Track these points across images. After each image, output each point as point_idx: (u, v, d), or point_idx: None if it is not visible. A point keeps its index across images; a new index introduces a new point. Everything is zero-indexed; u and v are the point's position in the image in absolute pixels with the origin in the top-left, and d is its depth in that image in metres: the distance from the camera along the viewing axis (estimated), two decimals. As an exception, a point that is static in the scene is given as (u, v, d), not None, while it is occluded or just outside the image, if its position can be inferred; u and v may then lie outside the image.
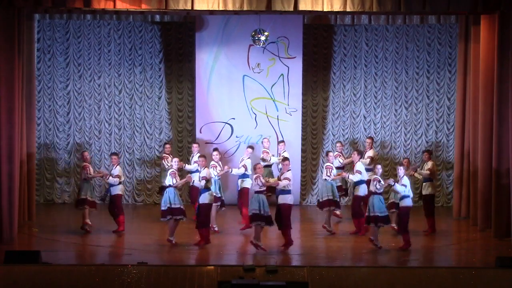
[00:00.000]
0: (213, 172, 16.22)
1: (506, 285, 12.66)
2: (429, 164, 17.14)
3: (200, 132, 19.92)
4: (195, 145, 18.29)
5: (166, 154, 17.94)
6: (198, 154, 17.25)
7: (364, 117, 20.55)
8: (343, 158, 18.18)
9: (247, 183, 17.16)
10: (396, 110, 20.50)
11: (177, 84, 20.47)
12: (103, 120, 20.40)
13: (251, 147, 17.81)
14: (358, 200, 16.85)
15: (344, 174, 17.07)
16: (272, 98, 19.95)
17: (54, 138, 20.35)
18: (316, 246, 15.95)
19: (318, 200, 17.26)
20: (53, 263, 13.51)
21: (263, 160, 18.01)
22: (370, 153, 18.11)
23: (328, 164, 16.97)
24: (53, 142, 20.34)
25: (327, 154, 17.24)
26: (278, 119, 19.98)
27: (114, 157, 17.18)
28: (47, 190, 20.36)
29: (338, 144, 18.60)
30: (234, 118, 19.95)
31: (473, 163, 17.90)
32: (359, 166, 16.81)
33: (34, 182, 18.50)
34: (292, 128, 20.01)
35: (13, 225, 15.61)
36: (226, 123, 19.93)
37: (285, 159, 15.89)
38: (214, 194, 16.41)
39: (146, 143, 20.43)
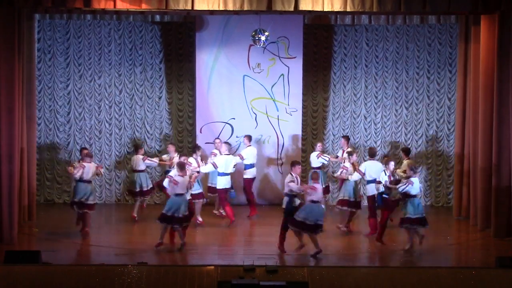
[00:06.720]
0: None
1: (506, 285, 12.65)
2: (405, 164, 17.29)
3: (200, 132, 19.92)
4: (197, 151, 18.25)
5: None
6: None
7: (365, 117, 20.55)
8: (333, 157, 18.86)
9: (221, 183, 17.47)
10: (396, 110, 20.50)
11: (177, 84, 20.47)
12: (104, 120, 20.40)
13: (227, 143, 18.18)
14: (371, 201, 16.84)
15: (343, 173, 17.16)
16: (272, 98, 19.94)
17: (54, 138, 20.35)
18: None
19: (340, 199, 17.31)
20: (53, 263, 13.53)
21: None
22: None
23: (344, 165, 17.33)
24: (54, 142, 20.34)
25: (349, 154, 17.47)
26: (278, 119, 19.98)
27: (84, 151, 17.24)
28: (47, 190, 20.37)
29: (319, 144, 19.01)
30: (234, 118, 19.94)
31: (473, 163, 17.89)
32: (363, 166, 16.90)
33: (34, 182, 18.50)
34: (292, 128, 20.01)
35: (13, 225, 15.63)
36: (226, 123, 19.93)
37: (296, 163, 15.76)
38: (197, 191, 16.70)
39: (146, 143, 20.42)
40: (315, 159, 18.66)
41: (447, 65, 20.30)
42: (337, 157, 18.93)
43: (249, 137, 18.83)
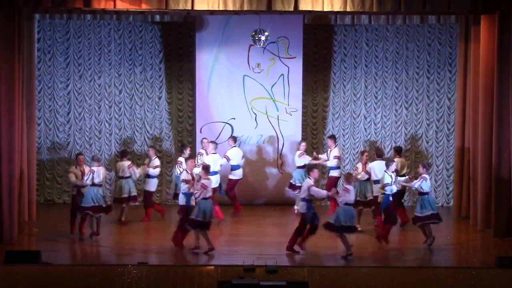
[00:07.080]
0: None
1: (506, 285, 12.66)
2: (396, 162, 17.40)
3: (200, 132, 19.90)
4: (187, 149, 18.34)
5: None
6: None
7: (365, 117, 20.55)
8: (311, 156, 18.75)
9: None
10: (396, 110, 20.50)
11: (177, 84, 20.47)
12: (104, 120, 20.40)
13: (214, 142, 18.20)
14: (375, 201, 16.82)
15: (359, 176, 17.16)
16: (272, 98, 19.93)
17: (54, 138, 20.35)
18: (317, 246, 15.93)
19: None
20: (53, 263, 13.53)
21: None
22: (336, 152, 18.39)
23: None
24: (53, 142, 20.34)
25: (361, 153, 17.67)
26: (278, 119, 19.97)
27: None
28: (47, 190, 20.36)
29: (303, 143, 18.94)
30: (234, 118, 19.93)
31: (473, 163, 17.89)
32: (371, 166, 16.92)
33: (34, 182, 18.51)
34: (292, 128, 19.99)
35: (13, 225, 15.62)
36: (226, 123, 19.92)
37: (313, 167, 15.82)
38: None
39: (146, 143, 20.41)
40: (298, 158, 18.60)
41: (447, 65, 20.30)
42: (319, 157, 18.78)
43: (234, 138, 18.81)
